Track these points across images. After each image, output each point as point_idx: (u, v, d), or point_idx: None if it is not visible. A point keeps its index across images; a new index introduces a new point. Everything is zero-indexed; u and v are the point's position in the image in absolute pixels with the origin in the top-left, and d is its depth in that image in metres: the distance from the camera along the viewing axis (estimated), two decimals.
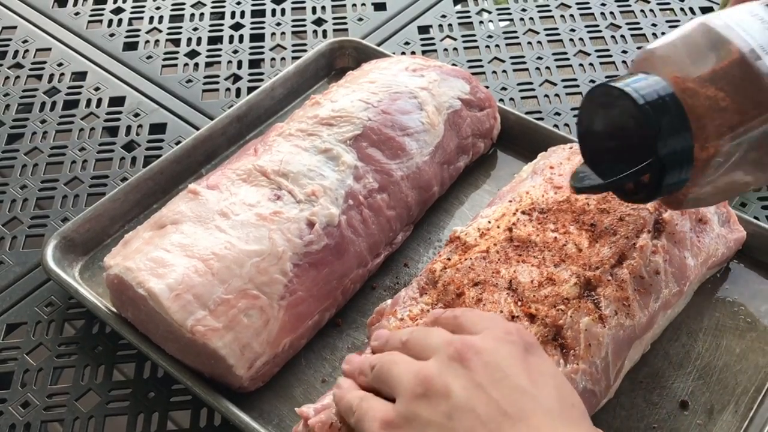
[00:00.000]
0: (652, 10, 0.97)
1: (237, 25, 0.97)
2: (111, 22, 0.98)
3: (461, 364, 0.42)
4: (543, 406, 0.41)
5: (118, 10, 0.99)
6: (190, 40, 0.95)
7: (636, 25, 0.95)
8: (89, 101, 0.86)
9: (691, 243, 0.60)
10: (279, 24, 0.97)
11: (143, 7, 1.00)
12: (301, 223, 0.59)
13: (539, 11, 0.97)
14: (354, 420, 0.45)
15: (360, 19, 0.97)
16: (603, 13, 0.97)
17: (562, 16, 0.97)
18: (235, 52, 0.93)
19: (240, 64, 0.91)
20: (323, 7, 0.99)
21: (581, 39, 0.93)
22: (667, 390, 0.58)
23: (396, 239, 0.67)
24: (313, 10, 0.99)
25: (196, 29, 0.96)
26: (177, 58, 0.92)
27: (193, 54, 0.93)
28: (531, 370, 0.43)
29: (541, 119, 0.81)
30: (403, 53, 0.91)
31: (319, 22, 0.98)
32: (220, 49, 0.93)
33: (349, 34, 0.94)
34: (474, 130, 0.73)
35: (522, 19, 0.96)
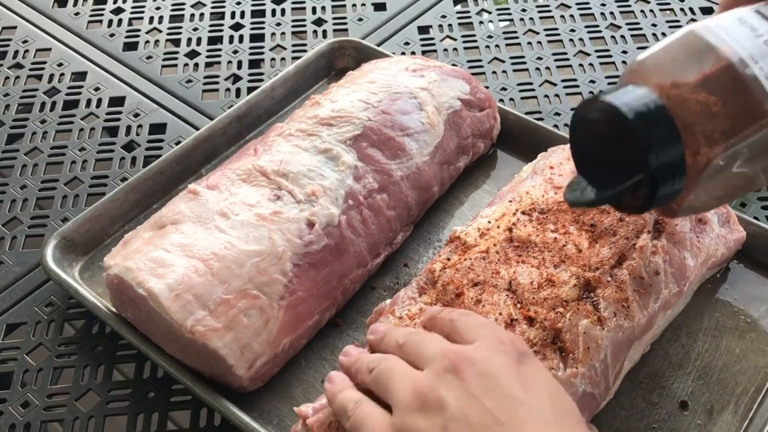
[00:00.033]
0: (652, 11, 0.97)
1: (237, 26, 0.97)
2: (111, 22, 0.98)
3: (455, 375, 0.43)
4: (537, 413, 0.42)
5: (118, 11, 1.00)
6: (190, 40, 0.95)
7: (636, 26, 0.95)
8: (89, 101, 0.86)
9: (691, 243, 0.60)
10: (279, 24, 0.97)
11: (143, 7, 1.00)
12: (301, 223, 0.59)
13: (539, 11, 0.98)
14: (349, 425, 0.46)
15: (360, 19, 0.97)
16: (603, 13, 0.97)
17: (562, 16, 0.97)
18: (235, 52, 0.93)
19: (240, 64, 0.91)
20: (323, 8, 0.99)
21: (581, 39, 0.93)
22: (667, 390, 0.58)
23: (396, 239, 0.67)
24: (313, 10, 0.99)
25: (196, 29, 0.96)
26: (177, 59, 0.92)
27: (193, 54, 0.93)
28: (525, 378, 0.44)
29: (541, 119, 0.81)
30: (403, 53, 0.91)
31: (319, 22, 0.98)
32: (220, 50, 0.93)
33: (349, 35, 0.94)
34: (474, 130, 0.73)
35: (522, 20, 0.96)
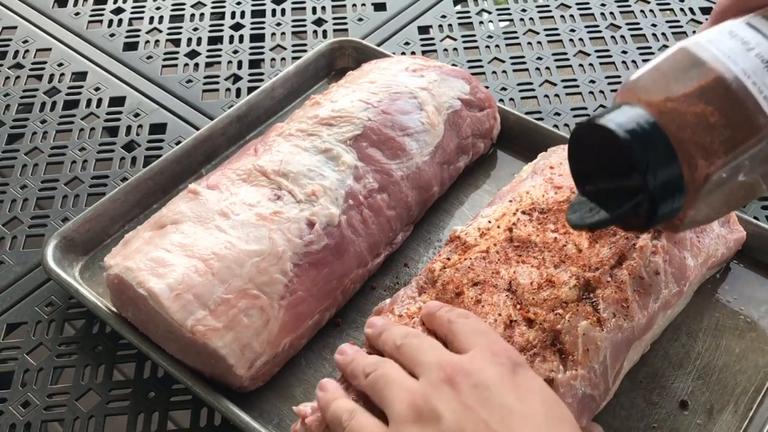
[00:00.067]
0: (652, 11, 0.97)
1: (237, 26, 0.97)
2: (111, 23, 0.98)
3: (451, 386, 0.44)
4: (531, 422, 0.43)
5: (119, 11, 1.00)
6: (190, 40, 0.95)
7: (636, 26, 0.95)
8: (89, 101, 0.86)
9: (691, 243, 0.60)
10: (279, 24, 0.97)
11: (143, 7, 1.00)
12: (301, 223, 0.59)
13: (539, 11, 0.98)
14: None
15: (360, 19, 0.97)
16: (603, 13, 0.97)
17: (562, 16, 0.97)
18: (236, 52, 0.93)
19: (240, 65, 0.91)
20: (323, 8, 0.99)
21: (581, 39, 0.93)
22: (667, 390, 0.58)
23: (396, 239, 0.67)
24: (313, 10, 0.99)
25: (196, 29, 0.96)
26: (177, 59, 0.92)
27: (193, 54, 0.93)
28: (518, 388, 0.44)
29: (541, 119, 0.81)
30: (403, 53, 0.91)
31: (319, 22, 0.98)
32: (221, 50, 0.93)
33: (349, 35, 0.94)
34: (474, 130, 0.73)
35: (522, 20, 0.96)
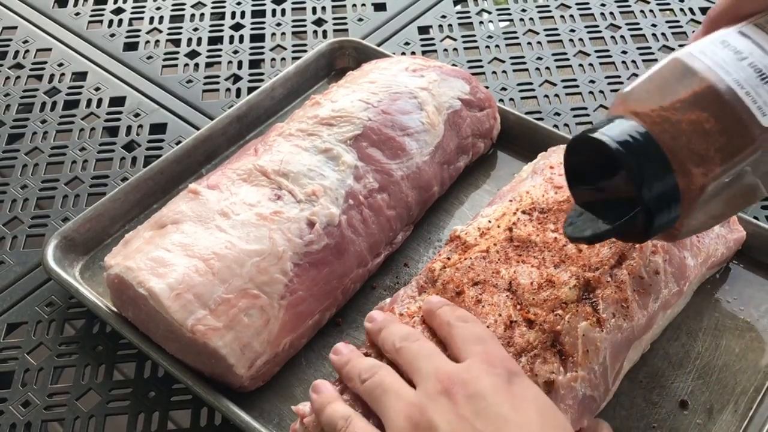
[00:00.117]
0: (651, 11, 0.97)
1: (237, 26, 0.97)
2: (111, 23, 0.98)
3: (447, 397, 0.45)
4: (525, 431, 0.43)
5: (119, 11, 1.00)
6: (190, 40, 0.95)
7: (636, 26, 0.95)
8: (89, 101, 0.86)
9: (691, 243, 0.60)
10: (279, 24, 0.97)
11: (143, 7, 1.00)
12: (301, 222, 0.59)
13: (539, 11, 0.98)
14: None
15: (360, 19, 0.97)
16: (603, 13, 0.97)
17: (562, 16, 0.97)
18: (236, 52, 0.93)
19: (240, 65, 0.91)
20: (323, 8, 1.00)
21: (581, 39, 0.93)
22: (667, 389, 0.58)
23: (396, 239, 0.67)
24: (314, 10, 0.99)
25: (196, 29, 0.96)
26: (177, 59, 0.92)
27: (193, 54, 0.93)
28: (514, 398, 0.45)
29: (541, 119, 0.81)
30: (403, 53, 0.91)
31: (319, 22, 0.98)
32: (221, 50, 0.93)
33: (349, 35, 0.94)
34: (474, 130, 0.73)
35: (522, 20, 0.96)
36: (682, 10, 0.98)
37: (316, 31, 0.96)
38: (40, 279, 0.68)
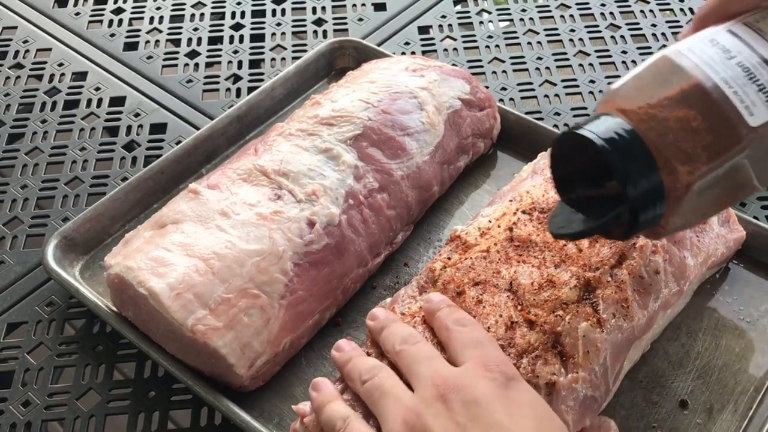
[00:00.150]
0: (651, 11, 0.97)
1: (237, 26, 0.97)
2: (111, 23, 0.98)
3: (443, 403, 0.45)
4: None
5: (119, 11, 1.00)
6: (190, 40, 0.95)
7: (636, 26, 0.95)
8: (90, 101, 0.86)
9: (691, 243, 0.60)
10: (279, 24, 0.97)
11: (143, 7, 1.00)
12: (301, 222, 0.59)
13: (539, 11, 0.98)
14: None
15: (360, 19, 0.97)
16: (603, 13, 0.97)
17: (562, 16, 0.97)
18: (236, 52, 0.93)
19: (240, 64, 0.91)
20: (323, 8, 1.00)
21: (581, 39, 0.93)
22: (667, 389, 0.58)
23: (396, 239, 0.67)
24: (314, 10, 0.99)
25: (196, 29, 0.96)
26: (177, 58, 0.92)
27: (193, 54, 0.93)
28: (510, 404, 0.45)
29: (541, 119, 0.81)
30: (403, 53, 0.91)
31: (319, 22, 0.98)
32: (221, 50, 0.93)
33: (349, 34, 0.94)
34: (474, 130, 0.73)
35: (522, 20, 0.96)
36: (682, 10, 0.98)
37: (316, 31, 0.96)
38: (40, 279, 0.68)
